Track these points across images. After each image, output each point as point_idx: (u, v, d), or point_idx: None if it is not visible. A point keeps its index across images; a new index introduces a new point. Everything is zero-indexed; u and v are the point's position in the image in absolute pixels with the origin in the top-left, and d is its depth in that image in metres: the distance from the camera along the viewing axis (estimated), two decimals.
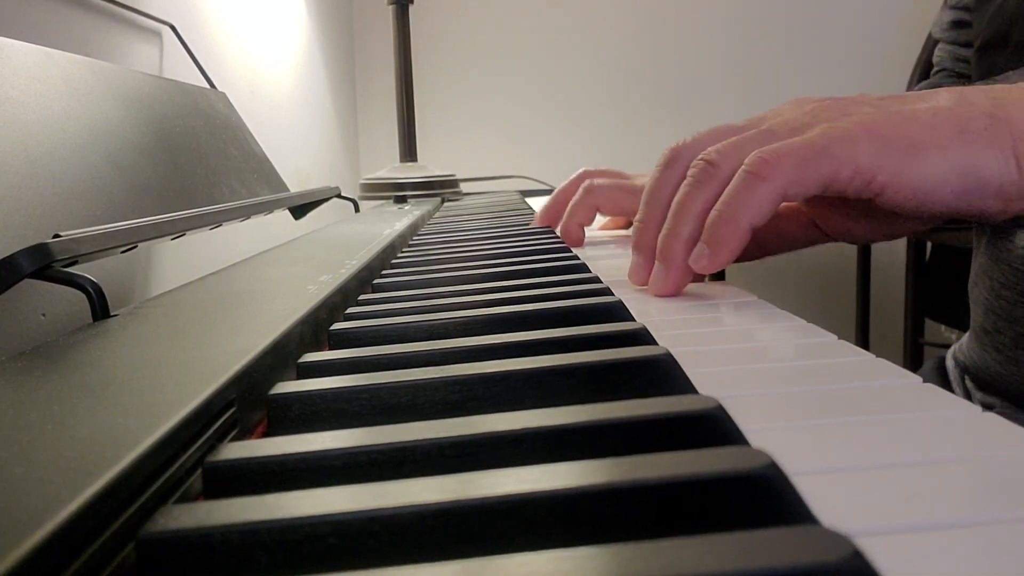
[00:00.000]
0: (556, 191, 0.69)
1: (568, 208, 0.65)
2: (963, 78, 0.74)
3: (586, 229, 0.66)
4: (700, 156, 0.39)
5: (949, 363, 0.71)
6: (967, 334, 0.67)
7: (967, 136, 0.36)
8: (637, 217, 0.43)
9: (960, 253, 0.68)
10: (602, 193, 0.64)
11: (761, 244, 0.49)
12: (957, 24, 0.75)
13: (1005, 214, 0.38)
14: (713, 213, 0.37)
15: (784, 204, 0.48)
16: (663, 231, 0.39)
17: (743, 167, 0.36)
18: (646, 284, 0.41)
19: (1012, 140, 0.36)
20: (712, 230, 0.37)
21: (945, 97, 0.38)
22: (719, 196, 0.38)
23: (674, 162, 0.42)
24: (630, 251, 0.42)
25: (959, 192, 0.36)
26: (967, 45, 0.73)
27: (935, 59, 0.79)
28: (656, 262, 0.39)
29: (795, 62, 1.80)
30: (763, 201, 0.36)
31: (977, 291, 0.64)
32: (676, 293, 0.39)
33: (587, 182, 0.65)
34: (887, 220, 0.44)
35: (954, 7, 0.75)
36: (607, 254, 0.58)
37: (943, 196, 0.36)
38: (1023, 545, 0.14)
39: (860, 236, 0.47)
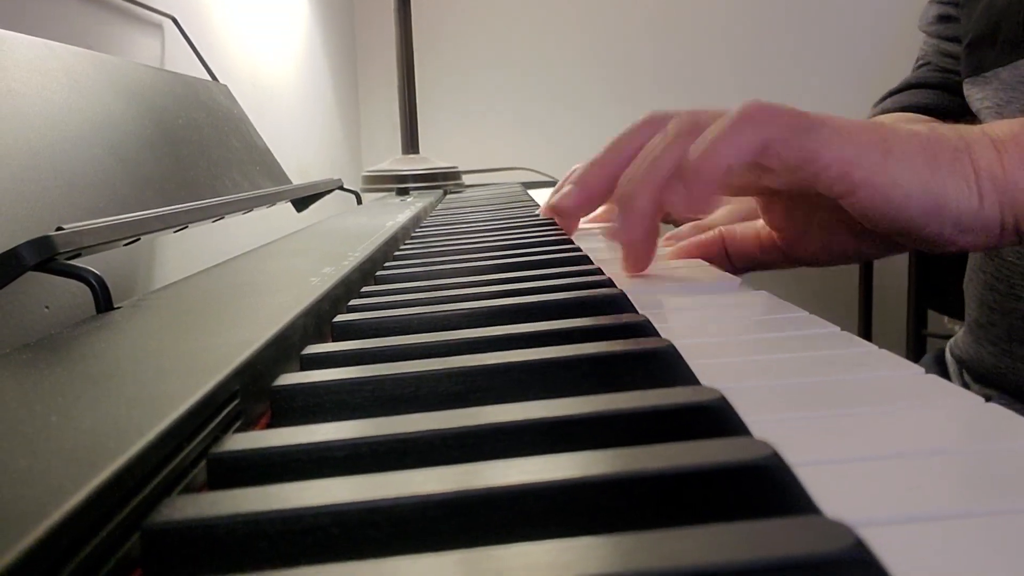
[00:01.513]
0: (558, 184, 0.69)
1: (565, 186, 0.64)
2: (948, 72, 0.74)
3: (584, 223, 0.66)
4: (685, 114, 0.38)
5: (948, 356, 0.71)
6: (963, 329, 0.68)
7: (938, 162, 0.38)
8: (593, 158, 0.42)
9: None
10: None
11: (736, 265, 0.50)
12: (942, 18, 0.74)
13: (955, 245, 0.39)
14: (692, 148, 0.36)
15: (752, 231, 0.49)
16: (625, 175, 0.38)
17: (734, 109, 0.36)
18: (565, 211, 0.41)
19: (975, 176, 0.38)
20: (688, 167, 0.35)
21: (919, 125, 0.40)
22: None
23: (652, 121, 0.41)
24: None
25: (923, 209, 0.37)
26: (952, 40, 0.73)
27: (920, 52, 0.79)
28: (618, 212, 0.38)
29: (798, 53, 1.79)
30: (747, 143, 0.35)
31: (972, 286, 0.65)
32: (633, 243, 0.38)
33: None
34: (849, 238, 0.45)
35: (940, 1, 0.74)
36: (609, 247, 0.58)
37: (908, 208, 0.37)
38: None
39: (824, 260, 0.48)
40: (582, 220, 0.68)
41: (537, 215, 0.69)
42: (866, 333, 1.63)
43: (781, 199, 0.46)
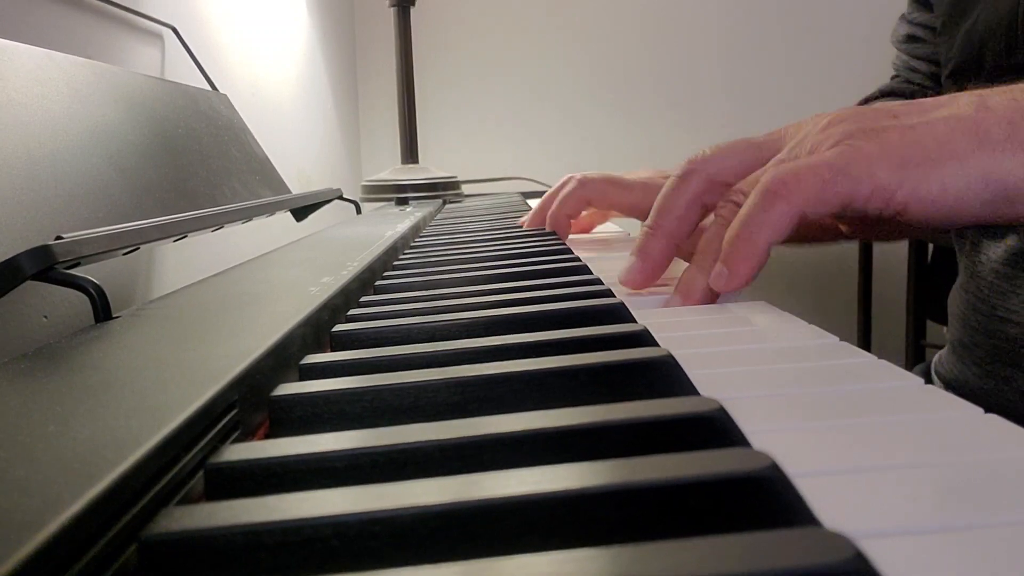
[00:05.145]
0: (546, 194, 0.69)
1: (558, 198, 0.65)
2: (916, 85, 0.76)
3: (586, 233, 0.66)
4: (729, 196, 0.39)
5: (933, 375, 0.71)
6: (946, 348, 0.67)
7: (987, 144, 0.35)
8: (647, 223, 0.42)
9: None
10: (593, 186, 0.64)
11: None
12: (911, 38, 0.76)
13: None
14: (730, 232, 0.36)
15: None
16: (692, 264, 0.39)
17: (760, 185, 0.36)
18: (637, 288, 0.41)
19: None
20: (729, 250, 0.36)
21: (965, 103, 0.37)
22: None
23: (690, 175, 0.41)
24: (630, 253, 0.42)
25: (985, 202, 0.35)
26: (919, 58, 0.75)
27: (893, 64, 0.81)
28: (677, 291, 0.39)
29: (793, 60, 1.80)
30: (780, 221, 0.35)
31: (955, 306, 0.64)
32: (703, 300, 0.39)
33: (580, 175, 0.65)
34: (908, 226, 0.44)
35: (911, 22, 0.76)
36: (608, 255, 0.58)
37: (968, 207, 0.35)
38: None
39: (883, 236, 0.46)
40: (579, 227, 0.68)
41: (538, 225, 0.69)
42: (865, 343, 1.63)
43: None
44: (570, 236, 0.66)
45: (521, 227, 0.69)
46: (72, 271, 0.33)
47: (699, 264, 0.38)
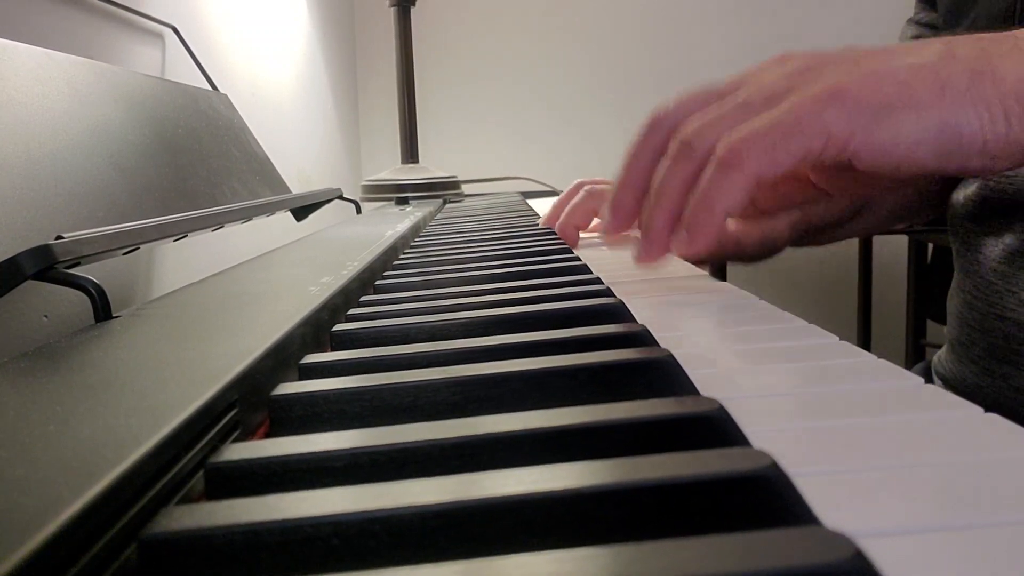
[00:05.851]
0: (555, 201, 0.69)
1: (567, 209, 0.65)
2: None
3: (584, 232, 0.66)
4: (679, 136, 0.40)
5: (934, 373, 0.71)
6: (945, 347, 0.67)
7: (947, 94, 0.35)
8: (617, 178, 0.44)
9: None
10: (603, 197, 0.65)
11: (763, 210, 0.49)
12: (917, 40, 0.76)
13: (991, 171, 0.37)
14: (691, 202, 0.38)
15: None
16: (646, 208, 0.40)
17: (715, 155, 0.37)
18: (610, 235, 0.43)
19: (999, 96, 0.34)
20: (689, 218, 0.38)
21: (932, 51, 0.37)
22: (695, 174, 0.38)
23: (655, 128, 0.42)
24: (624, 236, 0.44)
25: (938, 152, 0.35)
26: None
27: None
28: (640, 235, 0.41)
29: None
30: (736, 189, 0.36)
31: (952, 304, 0.64)
32: (655, 262, 0.41)
33: (588, 186, 0.66)
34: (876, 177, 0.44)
35: (918, 23, 0.76)
36: (607, 256, 0.58)
37: (920, 157, 0.35)
38: None
39: (858, 192, 0.46)
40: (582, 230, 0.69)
41: (536, 225, 0.69)
42: (865, 343, 1.63)
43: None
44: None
45: (521, 227, 0.69)
46: (72, 271, 0.33)
47: (656, 205, 0.40)
